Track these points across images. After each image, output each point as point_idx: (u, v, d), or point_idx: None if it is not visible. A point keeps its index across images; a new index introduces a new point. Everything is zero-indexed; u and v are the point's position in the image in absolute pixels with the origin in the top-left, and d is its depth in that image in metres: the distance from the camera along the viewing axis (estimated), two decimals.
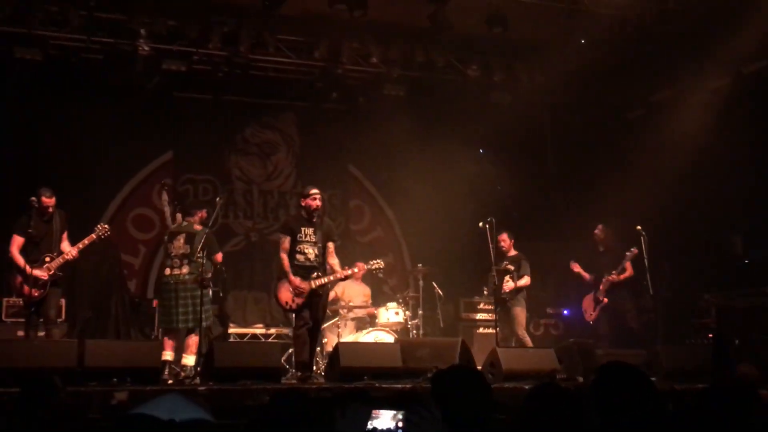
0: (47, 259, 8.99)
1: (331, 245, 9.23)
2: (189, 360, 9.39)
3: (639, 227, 10.47)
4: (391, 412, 3.05)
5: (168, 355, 9.40)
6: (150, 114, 12.57)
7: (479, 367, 8.86)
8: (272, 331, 11.90)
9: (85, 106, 12.03)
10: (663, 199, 11.37)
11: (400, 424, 3.02)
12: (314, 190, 9.16)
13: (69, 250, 9.12)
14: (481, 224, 10.14)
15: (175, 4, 10.98)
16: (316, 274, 9.04)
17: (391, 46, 11.91)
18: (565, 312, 12.53)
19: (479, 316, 12.40)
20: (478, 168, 13.01)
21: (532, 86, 12.77)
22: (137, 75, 11.60)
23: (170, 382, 8.89)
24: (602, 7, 10.67)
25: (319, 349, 10.70)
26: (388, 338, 10.93)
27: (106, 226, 9.39)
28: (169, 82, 11.91)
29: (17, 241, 8.94)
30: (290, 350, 10.65)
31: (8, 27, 10.66)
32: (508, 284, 10.89)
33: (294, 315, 9.21)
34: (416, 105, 12.90)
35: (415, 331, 11.46)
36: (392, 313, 11.35)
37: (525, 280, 10.96)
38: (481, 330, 12.31)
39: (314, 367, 9.97)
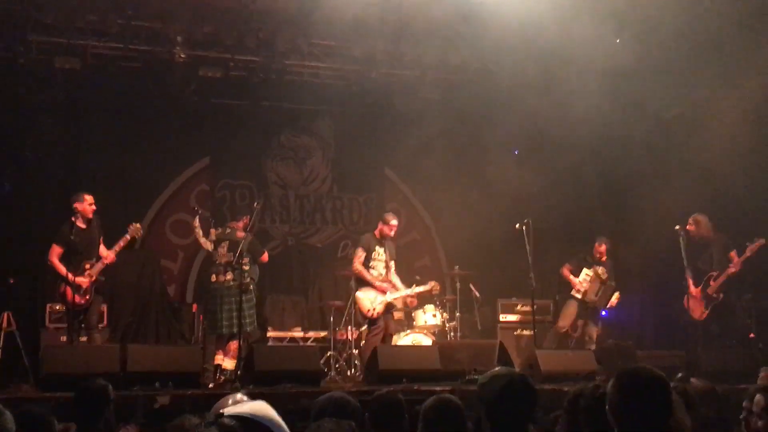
0: (87, 266, 9.13)
1: (393, 264, 10.49)
2: (229, 364, 9.53)
3: (678, 227, 10.41)
4: None
5: (218, 359, 9.61)
6: (187, 120, 12.69)
7: (517, 369, 8.85)
8: (310, 334, 11.96)
9: (123, 114, 12.25)
10: (702, 199, 11.25)
11: None
12: (394, 222, 10.47)
13: (107, 254, 9.27)
14: (517, 226, 10.17)
15: (210, 11, 11.07)
16: (390, 287, 10.32)
17: (426, 49, 11.90)
18: (604, 313, 12.45)
19: (517, 317, 12.40)
20: (514, 169, 12.94)
21: (566, 87, 12.70)
22: (174, 82, 11.72)
23: (211, 386, 9.00)
24: (637, 8, 10.58)
25: (356, 351, 10.79)
26: (426, 341, 10.94)
27: (138, 225, 9.59)
28: (206, 88, 12.00)
29: (56, 251, 9.09)
30: (329, 353, 10.74)
31: (49, 37, 10.83)
32: (613, 301, 11.41)
33: (369, 323, 10.18)
34: (451, 107, 12.87)
35: (452, 334, 11.46)
36: (430, 316, 11.34)
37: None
38: (519, 332, 12.31)
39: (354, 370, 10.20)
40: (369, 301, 10.12)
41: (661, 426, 3.10)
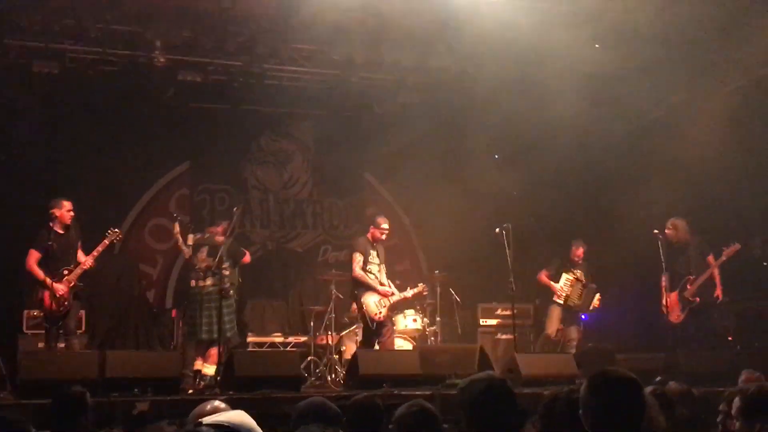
0: (65, 272, 9.07)
1: (383, 267, 10.44)
2: (209, 369, 9.48)
3: (656, 231, 10.46)
4: None
5: (198, 364, 9.57)
6: (167, 125, 12.67)
7: (497, 373, 8.85)
8: (291, 339, 11.91)
9: (102, 118, 12.19)
10: (680, 202, 11.31)
11: None
12: (385, 226, 10.35)
13: (85, 259, 9.21)
14: (497, 230, 10.16)
15: (190, 15, 11.01)
16: (391, 291, 10.32)
17: (405, 53, 11.89)
18: (583, 317, 12.49)
19: (497, 321, 12.42)
20: (494, 173, 12.96)
21: (546, 90, 12.73)
22: (154, 86, 11.66)
23: (190, 391, 8.95)
24: (616, 11, 10.62)
25: (337, 357, 10.77)
26: (407, 345, 10.94)
27: (117, 230, 9.53)
28: (185, 93, 11.96)
29: (34, 256, 9.03)
30: (309, 358, 10.71)
31: (27, 41, 10.75)
32: (595, 302, 11.59)
33: (377, 326, 10.07)
34: (431, 111, 12.89)
35: (433, 338, 11.46)
36: (410, 320, 11.35)
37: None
38: (499, 336, 12.32)
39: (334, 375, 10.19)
40: (375, 304, 10.12)
41: (634, 427, 3.11)
